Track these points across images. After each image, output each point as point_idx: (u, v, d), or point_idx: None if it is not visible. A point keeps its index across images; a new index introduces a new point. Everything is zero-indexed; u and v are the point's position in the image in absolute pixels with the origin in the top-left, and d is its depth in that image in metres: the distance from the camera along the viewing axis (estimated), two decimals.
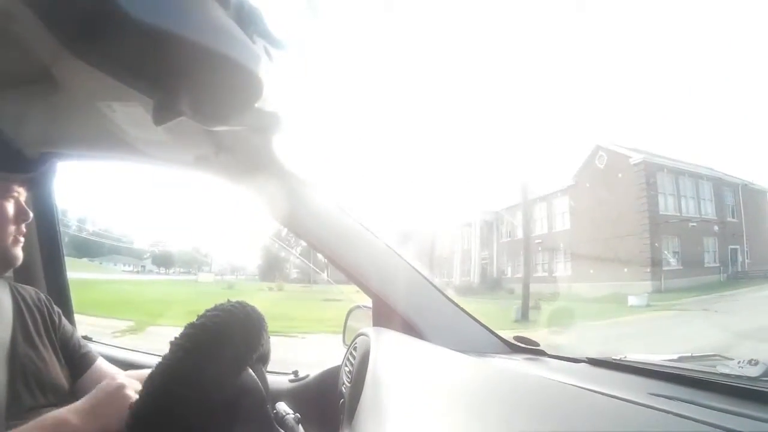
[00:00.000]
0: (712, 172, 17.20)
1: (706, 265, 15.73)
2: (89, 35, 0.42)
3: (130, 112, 0.96)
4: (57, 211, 1.59)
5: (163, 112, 0.52)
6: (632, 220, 15.75)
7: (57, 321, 1.08)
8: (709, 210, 17.00)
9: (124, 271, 21.27)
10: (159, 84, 0.50)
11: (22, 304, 1.02)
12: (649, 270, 15.04)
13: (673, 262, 15.66)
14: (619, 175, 16.31)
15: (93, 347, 1.62)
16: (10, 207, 1.00)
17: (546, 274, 17.64)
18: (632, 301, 12.67)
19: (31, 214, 1.04)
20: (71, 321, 1.62)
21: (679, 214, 16.29)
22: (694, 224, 16.16)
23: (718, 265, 16.06)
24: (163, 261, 21.56)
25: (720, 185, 17.14)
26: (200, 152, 1.06)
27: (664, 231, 15.75)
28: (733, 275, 15.72)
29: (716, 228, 16.46)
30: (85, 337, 1.70)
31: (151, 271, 21.29)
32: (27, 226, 1.11)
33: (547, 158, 17.57)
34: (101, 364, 1.11)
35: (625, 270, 15.23)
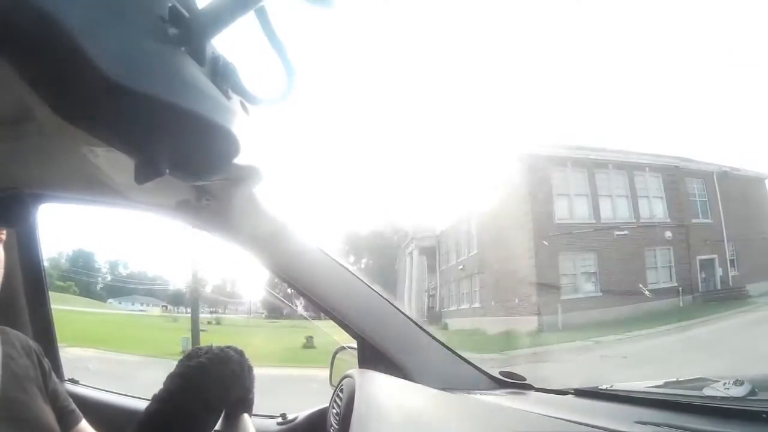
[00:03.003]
0: (661, 161, 12.83)
1: (651, 287, 11.35)
2: (66, 95, 0.43)
3: (113, 157, 0.96)
4: (41, 252, 1.58)
5: (144, 172, 0.52)
6: (521, 237, 11.94)
7: (48, 371, 1.06)
8: (657, 211, 12.68)
9: (140, 310, 21.02)
10: (137, 144, 0.51)
11: (10, 349, 1.00)
12: (534, 302, 11.25)
13: (587, 288, 11.76)
14: (513, 178, 12.38)
15: (80, 390, 1.61)
16: None
17: (466, 306, 14.50)
18: None
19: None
20: (57, 361, 1.60)
21: (593, 222, 12.22)
22: (624, 232, 12.07)
23: (675, 284, 11.88)
24: (176, 300, 21.40)
25: (678, 176, 12.77)
26: (182, 197, 1.06)
27: (564, 247, 11.80)
28: (702, 296, 11.80)
29: (668, 235, 12.33)
30: (72, 380, 1.68)
31: (171, 310, 21.16)
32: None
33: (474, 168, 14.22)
34: (85, 426, 1.09)
35: (516, 301, 11.71)
